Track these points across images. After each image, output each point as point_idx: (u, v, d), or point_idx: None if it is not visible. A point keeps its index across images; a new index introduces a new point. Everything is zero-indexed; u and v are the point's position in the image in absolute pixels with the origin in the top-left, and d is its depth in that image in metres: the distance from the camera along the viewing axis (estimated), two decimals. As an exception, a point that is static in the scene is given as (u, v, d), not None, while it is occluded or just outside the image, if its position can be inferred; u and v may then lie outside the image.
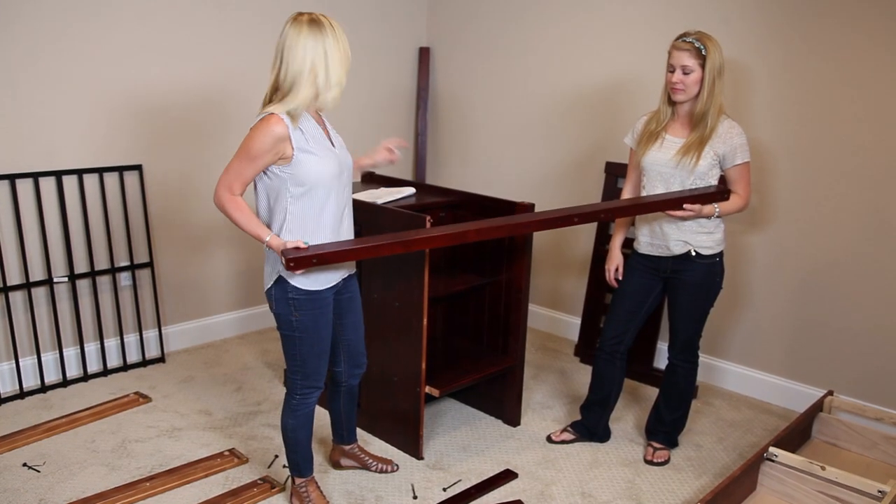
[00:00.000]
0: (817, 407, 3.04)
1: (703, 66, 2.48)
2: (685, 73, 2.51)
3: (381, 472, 2.76)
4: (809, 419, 3.00)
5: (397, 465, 2.80)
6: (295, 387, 2.35)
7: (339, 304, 2.38)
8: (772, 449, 2.62)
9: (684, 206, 2.53)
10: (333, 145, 2.23)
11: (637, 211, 2.61)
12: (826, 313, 3.22)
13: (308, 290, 2.21)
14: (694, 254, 2.66)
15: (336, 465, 2.79)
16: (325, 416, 3.20)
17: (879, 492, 2.39)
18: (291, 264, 2.03)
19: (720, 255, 2.70)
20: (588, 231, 3.91)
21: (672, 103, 2.62)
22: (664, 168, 2.62)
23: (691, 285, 2.70)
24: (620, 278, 2.86)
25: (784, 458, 2.59)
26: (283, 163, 2.11)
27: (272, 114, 2.08)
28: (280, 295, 2.22)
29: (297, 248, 2.07)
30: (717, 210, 2.60)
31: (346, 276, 2.36)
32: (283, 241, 2.11)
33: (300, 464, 2.46)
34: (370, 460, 2.76)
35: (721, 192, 2.60)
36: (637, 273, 2.80)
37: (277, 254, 2.12)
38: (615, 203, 2.66)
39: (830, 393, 3.10)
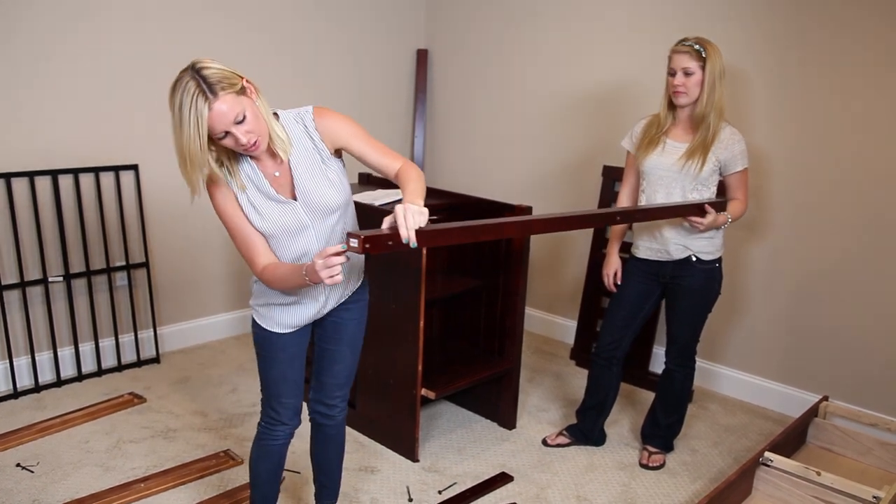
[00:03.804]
0: (812, 412, 3.05)
1: (703, 69, 2.50)
2: (686, 75, 2.52)
3: None
4: (804, 424, 3.01)
5: None
6: (262, 411, 2.13)
7: (323, 329, 2.12)
8: (767, 454, 2.62)
9: (705, 208, 2.53)
10: (295, 197, 1.88)
11: (657, 215, 2.55)
12: (822, 318, 3.22)
13: (261, 325, 2.01)
14: (695, 259, 2.66)
15: None
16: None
17: (874, 497, 2.39)
18: (367, 245, 1.65)
19: (719, 260, 2.71)
20: (585, 235, 3.92)
21: (672, 108, 2.63)
22: (667, 173, 2.63)
23: (691, 291, 2.70)
24: (619, 283, 2.86)
25: (779, 463, 2.59)
26: None
27: (210, 184, 1.83)
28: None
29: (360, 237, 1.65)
30: (730, 218, 2.61)
31: (322, 314, 2.06)
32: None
33: (254, 502, 2.22)
34: None
35: (721, 202, 2.63)
36: (635, 278, 2.80)
37: (323, 265, 1.68)
38: (644, 207, 2.58)
39: (825, 398, 3.11)
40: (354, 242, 1.64)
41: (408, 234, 1.65)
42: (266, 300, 2.00)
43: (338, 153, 1.95)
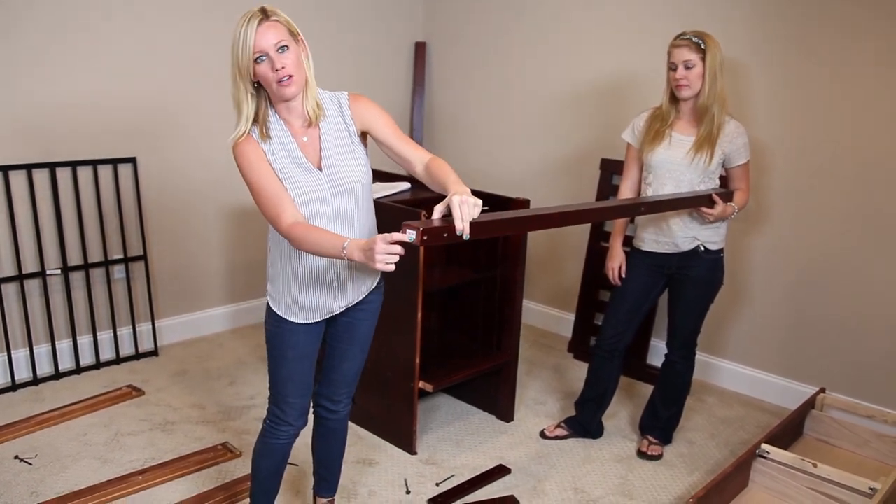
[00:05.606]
0: (809, 404, 3.05)
1: (703, 60, 2.51)
2: (688, 68, 2.52)
3: None
4: (801, 416, 3.01)
5: None
6: (268, 409, 2.12)
7: (336, 327, 2.11)
8: (764, 446, 2.63)
9: (713, 198, 2.58)
10: (320, 167, 1.89)
11: (674, 206, 2.55)
12: (819, 311, 3.23)
13: (279, 315, 2.01)
14: (702, 249, 2.68)
15: None
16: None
17: (871, 489, 2.40)
18: (425, 237, 1.63)
19: (723, 250, 2.74)
20: (582, 227, 3.91)
21: (675, 102, 2.63)
22: (676, 166, 2.63)
23: (697, 281, 2.72)
24: (624, 276, 2.86)
25: (776, 455, 2.60)
26: None
27: (239, 137, 1.84)
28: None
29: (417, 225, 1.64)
30: (736, 208, 2.66)
31: (337, 311, 2.05)
32: (363, 241, 1.69)
33: (254, 499, 2.21)
34: None
35: (727, 192, 2.66)
36: (639, 271, 2.80)
37: (372, 251, 1.63)
38: (663, 197, 2.57)
39: (822, 390, 3.11)
40: (412, 234, 1.61)
41: (463, 227, 1.65)
42: (282, 287, 1.99)
43: (363, 139, 1.98)
